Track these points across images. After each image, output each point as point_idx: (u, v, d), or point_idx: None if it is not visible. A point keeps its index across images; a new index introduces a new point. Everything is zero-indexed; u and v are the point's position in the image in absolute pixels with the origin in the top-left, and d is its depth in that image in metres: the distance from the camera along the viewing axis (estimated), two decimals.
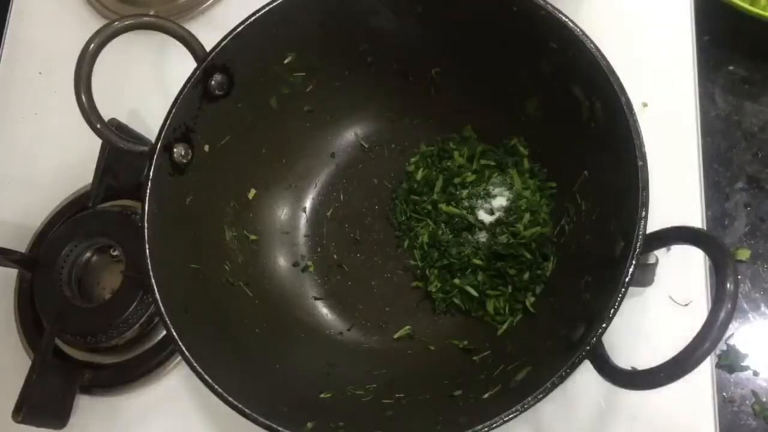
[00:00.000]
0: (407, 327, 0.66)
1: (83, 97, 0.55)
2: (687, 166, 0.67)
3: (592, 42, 0.53)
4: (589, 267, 0.56)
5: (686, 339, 0.42)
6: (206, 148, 0.61)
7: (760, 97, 0.74)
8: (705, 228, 0.66)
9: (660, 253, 0.56)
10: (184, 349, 0.52)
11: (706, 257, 0.50)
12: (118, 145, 0.58)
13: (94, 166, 0.72)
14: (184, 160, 0.59)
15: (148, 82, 0.80)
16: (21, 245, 0.76)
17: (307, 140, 0.70)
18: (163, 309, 0.54)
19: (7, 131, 0.83)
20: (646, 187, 0.49)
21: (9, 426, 0.64)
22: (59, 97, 0.82)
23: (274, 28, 0.60)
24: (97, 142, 0.71)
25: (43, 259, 0.71)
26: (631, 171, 0.50)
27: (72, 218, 0.73)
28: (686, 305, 0.62)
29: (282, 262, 0.68)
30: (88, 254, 0.72)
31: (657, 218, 0.49)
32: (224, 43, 0.58)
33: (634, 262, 0.47)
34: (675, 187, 0.65)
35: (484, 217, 0.65)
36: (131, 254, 0.69)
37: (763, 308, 0.67)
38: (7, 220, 0.79)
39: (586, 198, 0.59)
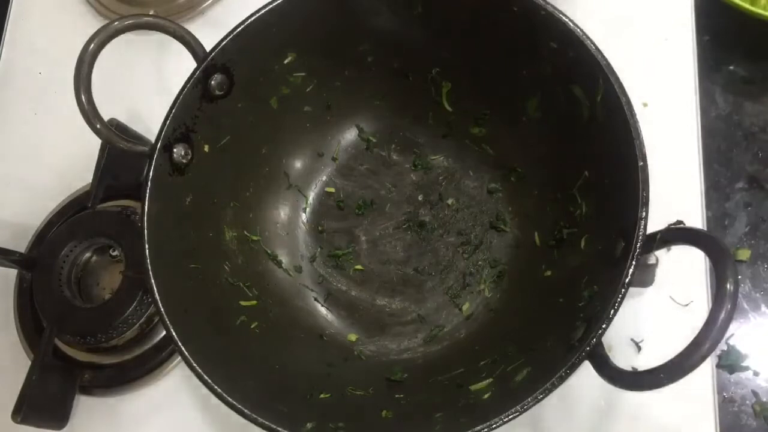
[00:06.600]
0: None
1: (83, 96, 0.55)
2: (687, 166, 0.67)
3: (592, 42, 0.53)
4: (589, 267, 0.55)
5: (686, 339, 0.42)
6: (206, 148, 0.61)
7: (760, 97, 0.74)
8: (705, 228, 0.66)
9: (660, 253, 0.56)
10: (183, 349, 0.52)
11: (706, 257, 0.50)
12: (118, 145, 0.58)
13: (93, 166, 0.73)
14: (184, 161, 0.59)
15: (147, 83, 0.80)
16: (21, 245, 0.76)
17: (307, 140, 0.70)
18: (162, 309, 0.53)
19: (7, 131, 0.83)
20: (646, 187, 0.49)
21: (9, 426, 0.64)
22: (59, 97, 0.82)
23: (274, 28, 0.60)
24: (96, 142, 0.71)
25: (42, 260, 0.70)
26: (631, 171, 0.49)
27: (71, 218, 0.73)
28: (686, 305, 0.62)
29: (282, 262, 0.68)
30: (87, 254, 0.72)
31: (657, 218, 0.49)
32: (224, 43, 0.58)
33: (634, 262, 0.47)
34: (675, 187, 0.65)
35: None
36: (131, 254, 0.69)
37: (763, 308, 0.67)
38: (7, 220, 0.79)
39: (586, 198, 0.59)
